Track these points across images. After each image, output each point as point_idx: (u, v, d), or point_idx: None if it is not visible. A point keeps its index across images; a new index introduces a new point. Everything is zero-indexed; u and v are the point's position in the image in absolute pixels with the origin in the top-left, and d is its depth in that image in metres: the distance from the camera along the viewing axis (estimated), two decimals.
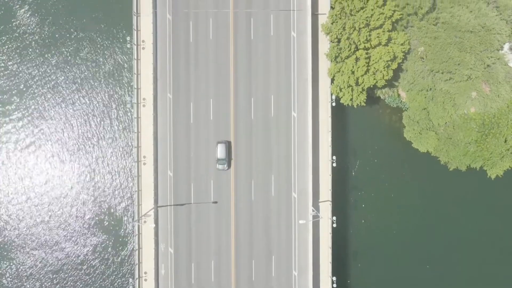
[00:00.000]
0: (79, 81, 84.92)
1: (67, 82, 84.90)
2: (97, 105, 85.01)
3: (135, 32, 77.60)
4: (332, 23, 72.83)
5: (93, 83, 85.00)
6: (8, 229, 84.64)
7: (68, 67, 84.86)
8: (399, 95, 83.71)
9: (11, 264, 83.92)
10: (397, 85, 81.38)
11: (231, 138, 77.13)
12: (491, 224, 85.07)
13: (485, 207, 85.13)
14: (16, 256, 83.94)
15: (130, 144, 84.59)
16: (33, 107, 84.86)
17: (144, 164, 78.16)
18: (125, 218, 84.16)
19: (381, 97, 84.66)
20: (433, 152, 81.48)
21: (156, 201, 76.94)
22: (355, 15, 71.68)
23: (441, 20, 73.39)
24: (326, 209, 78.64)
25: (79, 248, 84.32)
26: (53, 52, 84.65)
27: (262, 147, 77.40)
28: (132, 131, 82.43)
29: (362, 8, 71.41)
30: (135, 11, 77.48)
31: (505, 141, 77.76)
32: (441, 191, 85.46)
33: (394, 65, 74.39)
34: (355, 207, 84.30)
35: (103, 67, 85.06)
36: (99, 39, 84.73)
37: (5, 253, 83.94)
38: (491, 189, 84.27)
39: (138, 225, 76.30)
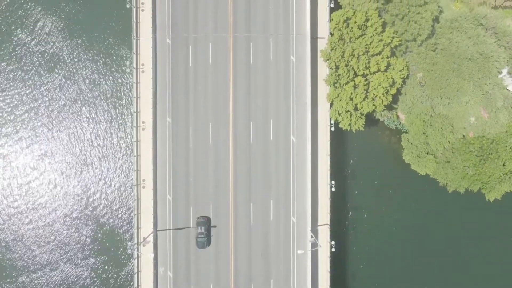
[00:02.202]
0: (79, 102, 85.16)
1: (68, 104, 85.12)
2: (96, 127, 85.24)
3: (135, 55, 77.75)
4: (331, 50, 72.97)
5: (93, 105, 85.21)
6: (9, 250, 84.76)
7: (69, 88, 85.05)
8: (398, 116, 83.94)
9: (12, 286, 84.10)
10: (396, 107, 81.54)
11: (230, 162, 77.26)
12: (493, 248, 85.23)
13: (486, 230, 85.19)
14: (17, 279, 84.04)
15: (129, 166, 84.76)
16: (34, 129, 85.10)
17: (144, 187, 78.28)
18: (125, 240, 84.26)
19: (380, 119, 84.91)
20: (432, 175, 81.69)
21: (155, 225, 77.09)
22: (354, 42, 71.83)
23: (440, 46, 73.59)
24: (325, 232, 78.81)
25: (79, 269, 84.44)
26: (54, 74, 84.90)
27: (261, 171, 77.56)
28: (132, 154, 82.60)
29: (361, 36, 71.55)
30: (134, 34, 77.65)
31: (504, 165, 77.98)
32: (442, 212, 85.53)
33: (393, 91, 74.57)
34: (354, 230, 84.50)
35: (103, 89, 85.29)
36: (100, 61, 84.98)
37: (5, 275, 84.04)
38: (492, 212, 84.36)
39: (137, 249, 76.36)
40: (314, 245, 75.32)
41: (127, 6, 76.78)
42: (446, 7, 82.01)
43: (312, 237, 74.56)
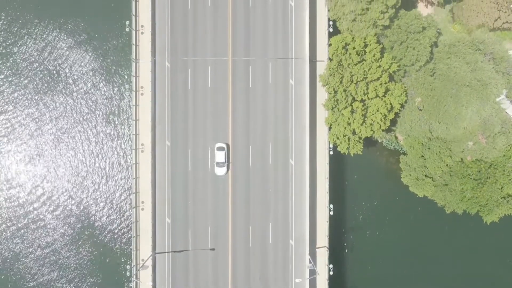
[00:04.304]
0: (79, 123, 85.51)
1: (68, 124, 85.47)
2: (96, 148, 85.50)
3: (134, 78, 77.97)
4: (329, 75, 73.19)
5: (93, 126, 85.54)
6: (8, 269, 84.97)
7: (69, 108, 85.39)
8: (396, 137, 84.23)
9: None
10: (394, 129, 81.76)
11: (229, 185, 77.49)
12: (494, 269, 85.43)
13: (490, 253, 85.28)
14: None
15: (129, 188, 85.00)
16: (34, 149, 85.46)
17: (142, 209, 78.48)
18: (124, 261, 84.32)
19: (379, 140, 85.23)
20: (430, 196, 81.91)
21: (154, 248, 77.24)
22: (352, 68, 72.07)
23: (438, 71, 73.88)
24: (323, 254, 79.01)
25: None
26: (54, 94, 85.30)
27: (260, 194, 77.72)
28: (131, 176, 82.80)
29: (359, 62, 71.81)
30: (134, 57, 77.86)
31: (501, 188, 78.26)
32: (443, 234, 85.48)
33: (391, 115, 74.80)
34: (353, 253, 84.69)
35: (104, 110, 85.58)
36: (100, 83, 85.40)
37: None
38: (491, 234, 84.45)
39: (136, 273, 76.49)
40: (313, 272, 75.43)
41: (127, 29, 76.99)
42: (444, 29, 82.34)
43: (310, 262, 74.76)
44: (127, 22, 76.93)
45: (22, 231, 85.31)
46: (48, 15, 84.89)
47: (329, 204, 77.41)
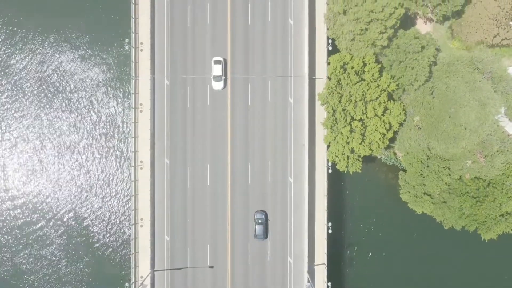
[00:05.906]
0: (79, 139, 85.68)
1: (69, 139, 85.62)
2: (96, 164, 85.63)
3: (133, 95, 78.07)
4: (328, 95, 73.24)
5: (93, 142, 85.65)
6: (8, 283, 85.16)
7: (70, 123, 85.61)
8: (395, 153, 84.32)
9: None
10: (393, 146, 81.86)
11: (227, 202, 77.59)
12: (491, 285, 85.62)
13: (488, 269, 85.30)
14: None
15: (128, 204, 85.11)
16: (36, 164, 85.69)
17: (141, 226, 78.59)
18: (122, 277, 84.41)
19: (377, 156, 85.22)
20: (429, 213, 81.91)
21: (152, 265, 77.33)
22: (351, 87, 72.13)
23: (437, 91, 73.92)
24: (321, 271, 79.10)
25: None
26: (53, 110, 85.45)
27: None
28: (130, 193, 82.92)
29: (358, 81, 71.87)
30: (133, 74, 77.98)
31: (500, 206, 78.30)
32: (444, 251, 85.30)
33: (390, 134, 74.91)
34: (352, 270, 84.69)
35: (103, 125, 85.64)
36: (100, 99, 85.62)
37: None
38: (489, 249, 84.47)
39: None
40: None
41: (126, 47, 77.11)
42: (443, 46, 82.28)
43: (308, 281, 74.84)
44: (127, 40, 77.03)
45: (21, 246, 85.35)
46: (49, 30, 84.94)
47: (328, 222, 77.45)
